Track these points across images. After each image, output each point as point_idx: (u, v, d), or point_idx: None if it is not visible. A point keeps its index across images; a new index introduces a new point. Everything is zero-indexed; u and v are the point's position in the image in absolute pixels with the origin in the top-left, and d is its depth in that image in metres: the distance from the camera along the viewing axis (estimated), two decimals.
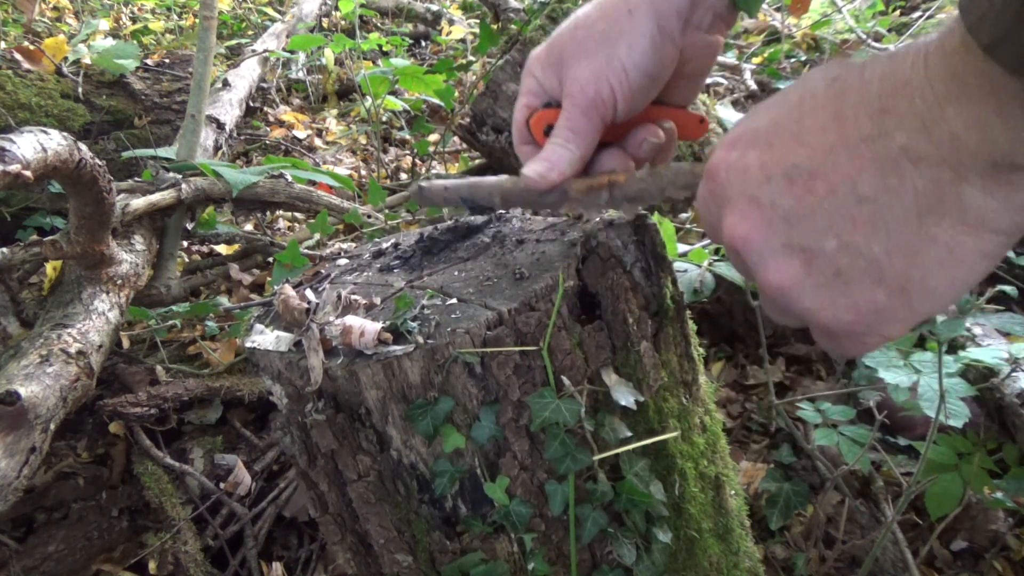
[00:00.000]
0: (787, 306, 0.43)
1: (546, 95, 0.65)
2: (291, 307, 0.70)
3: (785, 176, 0.41)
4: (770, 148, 0.42)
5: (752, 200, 0.43)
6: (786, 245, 0.41)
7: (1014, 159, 0.34)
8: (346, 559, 0.79)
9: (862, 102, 0.38)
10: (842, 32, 3.14)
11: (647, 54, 0.58)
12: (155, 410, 1.48)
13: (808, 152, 0.40)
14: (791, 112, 0.42)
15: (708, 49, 0.62)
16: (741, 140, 0.45)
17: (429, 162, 2.82)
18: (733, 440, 1.55)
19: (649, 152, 0.66)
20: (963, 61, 0.34)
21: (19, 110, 2.19)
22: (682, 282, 1.25)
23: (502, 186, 0.69)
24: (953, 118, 0.34)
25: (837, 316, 0.41)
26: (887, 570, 1.17)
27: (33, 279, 1.97)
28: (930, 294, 0.39)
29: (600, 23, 0.60)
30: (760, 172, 0.42)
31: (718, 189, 0.46)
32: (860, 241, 0.39)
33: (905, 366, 0.99)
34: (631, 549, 0.70)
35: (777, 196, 0.41)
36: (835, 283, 0.40)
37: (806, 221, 0.40)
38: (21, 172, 1.06)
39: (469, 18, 4.45)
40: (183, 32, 4.21)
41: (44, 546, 1.33)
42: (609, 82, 0.59)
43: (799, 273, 0.41)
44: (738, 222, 0.43)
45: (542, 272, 0.69)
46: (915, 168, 0.36)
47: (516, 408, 0.66)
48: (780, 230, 0.41)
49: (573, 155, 0.62)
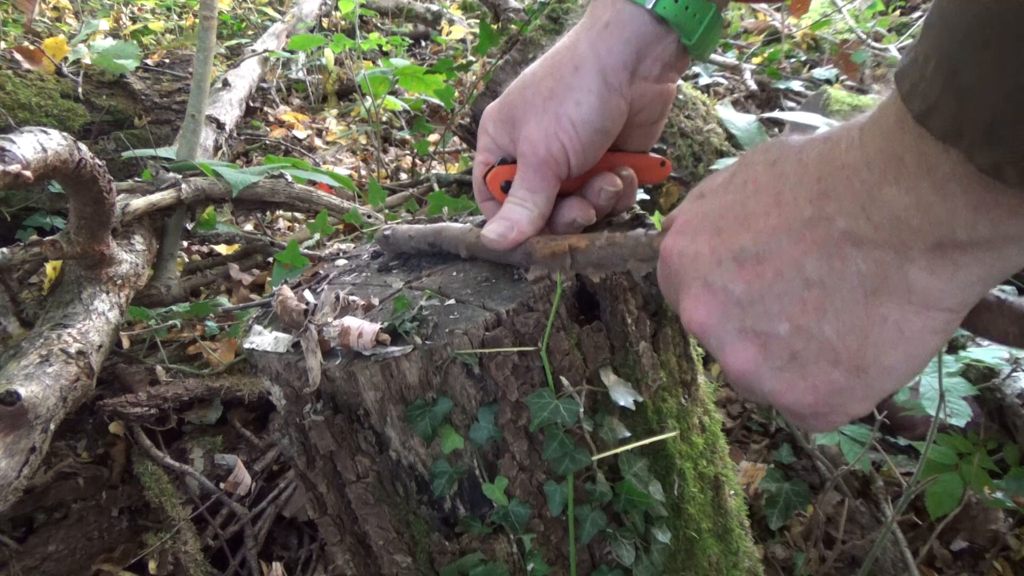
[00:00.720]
0: (750, 389, 0.43)
1: (500, 152, 0.66)
2: (289, 308, 0.70)
3: (735, 260, 0.41)
4: (719, 233, 0.43)
5: (705, 284, 0.43)
6: (741, 330, 0.42)
7: (955, 238, 0.33)
8: (345, 560, 0.79)
9: (801, 185, 0.38)
10: (842, 32, 3.14)
11: (595, 109, 0.58)
12: (155, 410, 1.48)
13: (754, 236, 0.40)
14: (736, 196, 0.43)
15: (660, 97, 0.62)
16: (690, 225, 0.45)
17: (429, 162, 2.82)
18: (733, 440, 1.55)
19: (608, 200, 0.66)
20: (899, 139, 0.33)
21: (19, 110, 2.19)
22: None
23: (467, 238, 0.69)
24: (893, 199, 0.34)
25: (798, 399, 0.41)
26: (887, 570, 1.17)
27: (33, 279, 1.98)
28: (886, 372, 0.39)
29: (547, 81, 0.60)
30: (711, 256, 0.43)
31: (672, 274, 0.47)
32: (811, 324, 0.39)
33: None
34: (630, 549, 0.70)
35: (728, 280, 0.41)
36: (792, 366, 0.40)
37: (757, 305, 0.40)
38: (21, 172, 1.06)
39: (469, 18, 4.44)
40: (183, 32, 4.21)
41: (44, 546, 1.33)
42: (559, 139, 0.59)
43: (756, 358, 0.41)
44: (694, 307, 0.44)
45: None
46: (858, 251, 0.36)
47: (515, 409, 0.65)
48: (734, 314, 0.42)
49: (532, 212, 0.63)
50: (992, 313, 0.39)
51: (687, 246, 0.45)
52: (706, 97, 1.99)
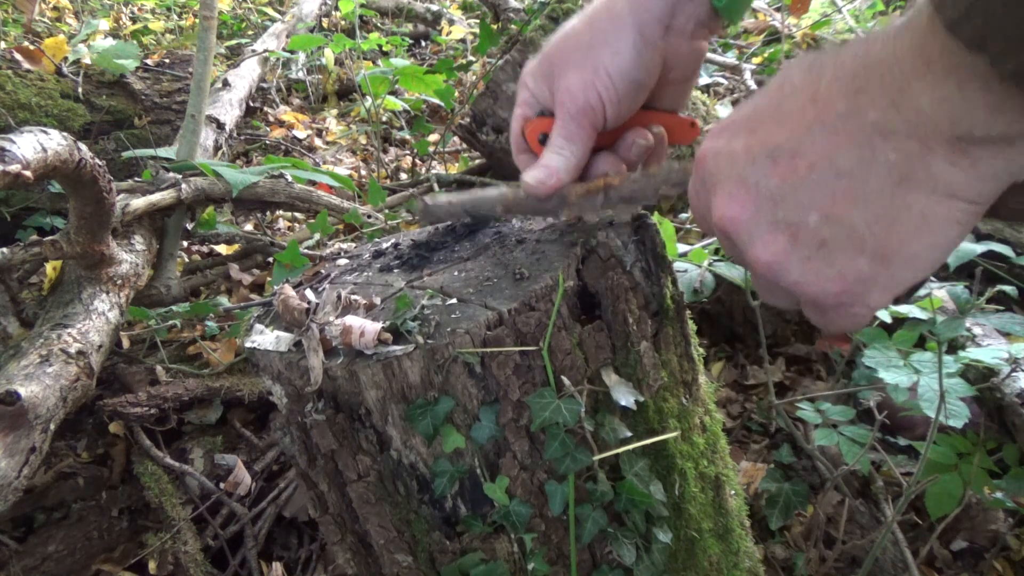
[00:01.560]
0: (776, 281, 0.45)
1: (539, 105, 0.68)
2: (291, 307, 0.70)
3: (768, 156, 0.43)
4: (753, 133, 0.44)
5: (739, 182, 0.45)
6: (772, 222, 0.43)
7: (973, 133, 0.36)
8: (346, 559, 0.79)
9: (836, 82, 0.40)
10: (842, 32, 3.14)
11: (630, 60, 0.61)
12: (155, 410, 1.48)
13: (788, 133, 0.42)
14: (771, 99, 0.45)
15: (692, 55, 0.64)
16: (727, 129, 0.47)
17: (429, 162, 2.82)
18: (733, 440, 1.55)
19: (639, 155, 0.68)
20: (929, 39, 0.35)
21: (19, 110, 2.19)
22: (682, 282, 1.25)
23: (504, 196, 0.71)
24: (919, 94, 0.36)
25: (824, 287, 0.43)
26: (887, 570, 1.17)
27: (33, 279, 1.97)
28: (910, 260, 0.41)
29: (585, 34, 0.63)
30: (745, 155, 0.44)
31: (707, 176, 0.48)
32: (841, 213, 0.40)
33: (905, 366, 0.99)
34: (631, 549, 0.70)
35: (762, 176, 0.43)
36: (820, 254, 0.42)
37: (790, 198, 0.42)
38: (21, 172, 1.06)
39: (469, 18, 4.45)
40: (183, 32, 4.21)
41: (44, 546, 1.33)
42: (596, 89, 0.62)
43: (786, 247, 0.43)
44: (726, 204, 0.45)
45: (542, 272, 0.69)
46: (886, 142, 0.38)
47: (516, 408, 0.66)
48: (766, 208, 0.43)
49: (569, 161, 0.65)
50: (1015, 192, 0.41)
51: (723, 147, 0.46)
52: (706, 97, 1.99)
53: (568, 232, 0.76)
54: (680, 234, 1.77)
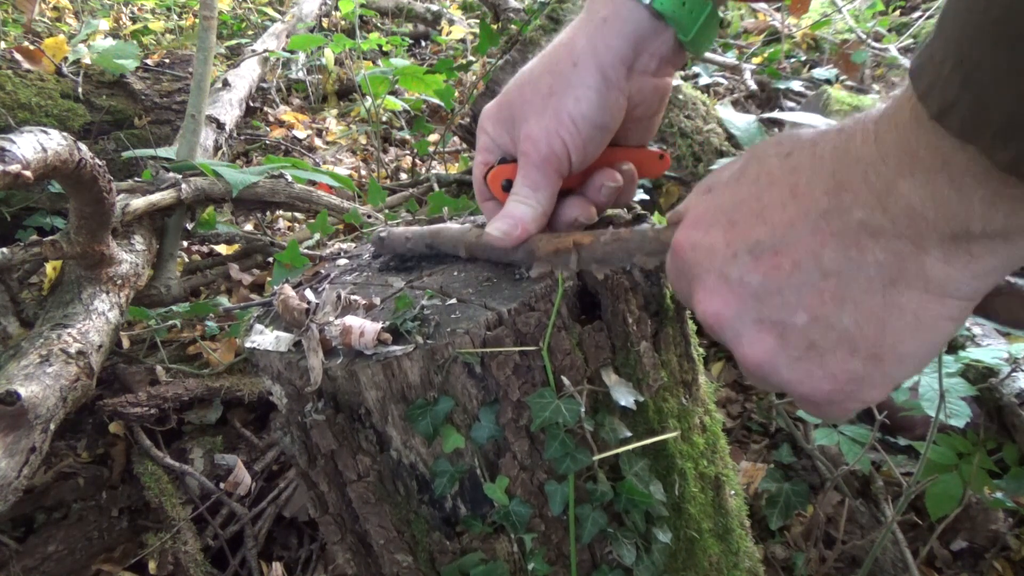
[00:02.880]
0: (766, 379, 0.44)
1: (500, 151, 0.66)
2: (291, 307, 0.70)
3: (750, 253, 0.41)
4: (733, 226, 0.43)
5: (721, 277, 0.43)
6: (758, 320, 0.42)
7: (970, 230, 0.34)
8: (346, 559, 0.79)
9: (817, 178, 0.39)
10: (842, 32, 3.15)
11: (595, 105, 0.59)
12: (155, 410, 1.48)
13: (770, 229, 0.41)
14: (750, 188, 0.43)
15: (657, 92, 0.62)
16: (704, 218, 0.46)
17: (429, 162, 2.82)
18: (733, 440, 1.55)
19: (609, 196, 0.66)
20: (914, 134, 0.34)
21: (19, 110, 2.19)
22: None
23: (466, 238, 0.68)
24: (908, 192, 0.35)
25: (816, 387, 0.42)
26: (887, 570, 1.17)
27: (33, 279, 1.97)
28: (903, 359, 0.39)
29: (546, 78, 0.60)
30: (726, 249, 0.43)
31: (685, 267, 0.47)
32: (830, 314, 0.39)
33: None
34: (631, 549, 0.70)
35: (744, 273, 0.42)
36: (810, 355, 0.41)
37: (775, 296, 0.41)
38: (21, 172, 1.06)
39: (469, 18, 4.45)
40: (183, 32, 4.21)
41: (44, 546, 1.33)
42: (560, 136, 0.59)
43: (774, 347, 0.42)
44: (709, 299, 0.44)
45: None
46: (875, 241, 0.37)
47: (516, 408, 0.66)
48: (751, 306, 0.42)
49: (535, 210, 0.63)
50: (1003, 297, 0.40)
51: (701, 239, 0.45)
52: (706, 97, 1.99)
53: None
54: None
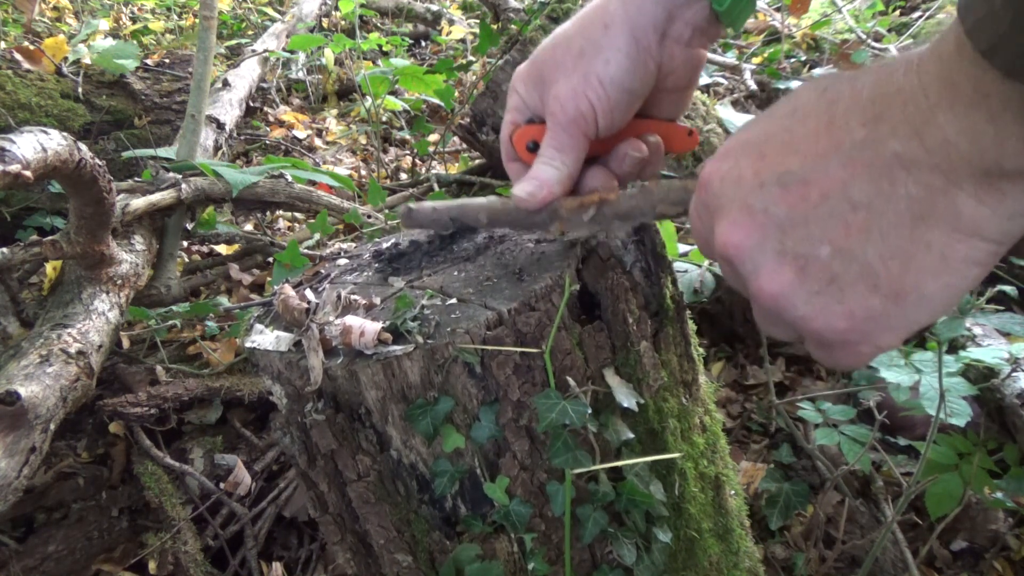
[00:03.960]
0: (780, 314, 0.42)
1: (529, 111, 0.66)
2: (291, 307, 0.70)
3: (778, 183, 0.41)
4: (763, 157, 0.42)
5: (745, 207, 0.42)
6: (779, 252, 0.41)
7: (1003, 166, 0.34)
8: (346, 559, 0.79)
9: (854, 109, 0.38)
10: (842, 32, 3.15)
11: (624, 69, 0.58)
12: (155, 410, 1.48)
13: (801, 159, 0.40)
14: (783, 122, 0.42)
15: (689, 63, 0.61)
16: (733, 151, 0.45)
17: (429, 162, 2.82)
18: (733, 440, 1.55)
19: (632, 167, 0.65)
20: (957, 67, 0.34)
21: (19, 110, 2.19)
22: (682, 282, 1.25)
23: (491, 206, 0.69)
24: (945, 124, 0.34)
25: (831, 324, 0.41)
26: (887, 570, 1.17)
27: (33, 279, 1.97)
28: (925, 301, 0.38)
29: (577, 40, 0.60)
30: (753, 180, 0.42)
31: (711, 199, 0.46)
32: (854, 247, 0.38)
33: (906, 366, 0.99)
34: (631, 549, 0.70)
35: (770, 203, 0.41)
36: (829, 290, 0.40)
37: (800, 227, 0.40)
38: (21, 172, 1.05)
39: (469, 18, 4.45)
40: (183, 32, 4.21)
41: (44, 546, 1.33)
42: (588, 98, 0.59)
43: (793, 280, 0.41)
44: (731, 230, 0.43)
45: (542, 272, 0.69)
46: (908, 174, 0.36)
47: (516, 408, 0.65)
48: (773, 237, 0.41)
49: (560, 172, 0.62)
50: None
51: (729, 170, 0.44)
52: (706, 97, 1.99)
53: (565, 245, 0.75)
54: (680, 234, 1.77)
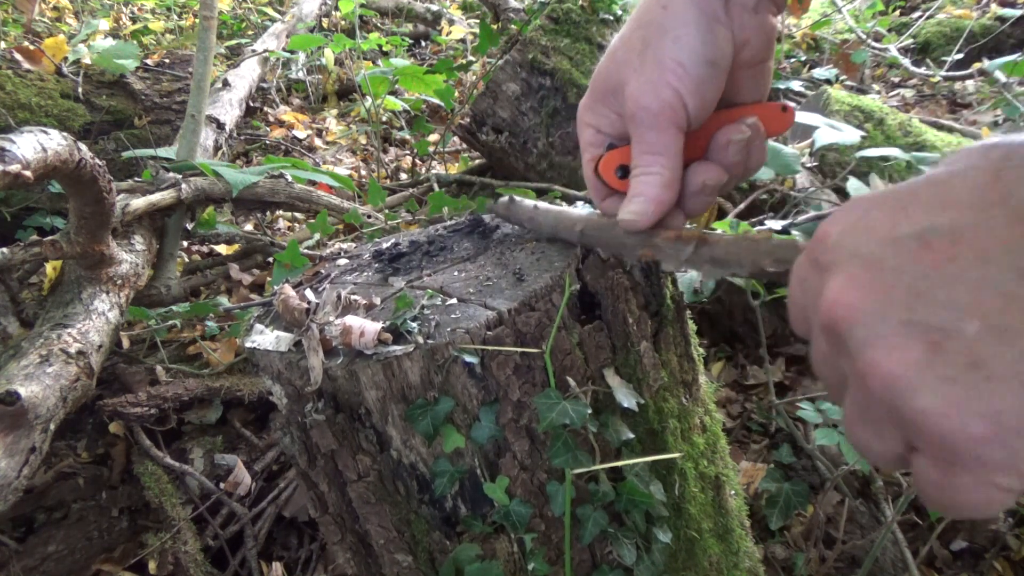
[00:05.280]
0: (894, 402, 0.33)
1: (606, 138, 0.61)
2: (291, 307, 0.70)
3: (918, 237, 0.32)
4: (903, 209, 0.34)
5: (869, 262, 0.34)
6: (907, 322, 0.32)
7: None
8: (346, 559, 0.79)
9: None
10: (842, 32, 3.15)
11: (697, 39, 0.53)
12: (155, 410, 1.48)
13: (955, 213, 0.32)
14: (935, 177, 0.35)
15: (762, 31, 0.56)
16: (863, 203, 0.37)
17: (429, 162, 2.82)
18: (733, 440, 1.55)
19: (738, 153, 0.59)
20: None
21: (19, 110, 2.19)
22: (682, 282, 1.25)
23: (589, 220, 0.63)
24: None
25: (965, 425, 0.30)
26: (887, 570, 1.17)
27: (33, 279, 1.97)
28: None
29: (637, 32, 0.56)
30: (886, 232, 0.34)
31: (824, 253, 0.37)
32: (1014, 326, 0.30)
33: None
34: (631, 549, 0.70)
35: (905, 259, 0.32)
36: (970, 379, 0.30)
37: (940, 293, 0.31)
38: (21, 172, 1.06)
39: (469, 18, 4.45)
40: (183, 32, 4.21)
41: (44, 546, 1.33)
42: (669, 84, 0.53)
43: (920, 359, 0.31)
44: (845, 287, 0.34)
45: (542, 272, 0.69)
46: None
47: (516, 408, 0.66)
48: (902, 301, 0.32)
49: (663, 177, 0.56)
50: None
51: (855, 221, 0.36)
52: None
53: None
54: None
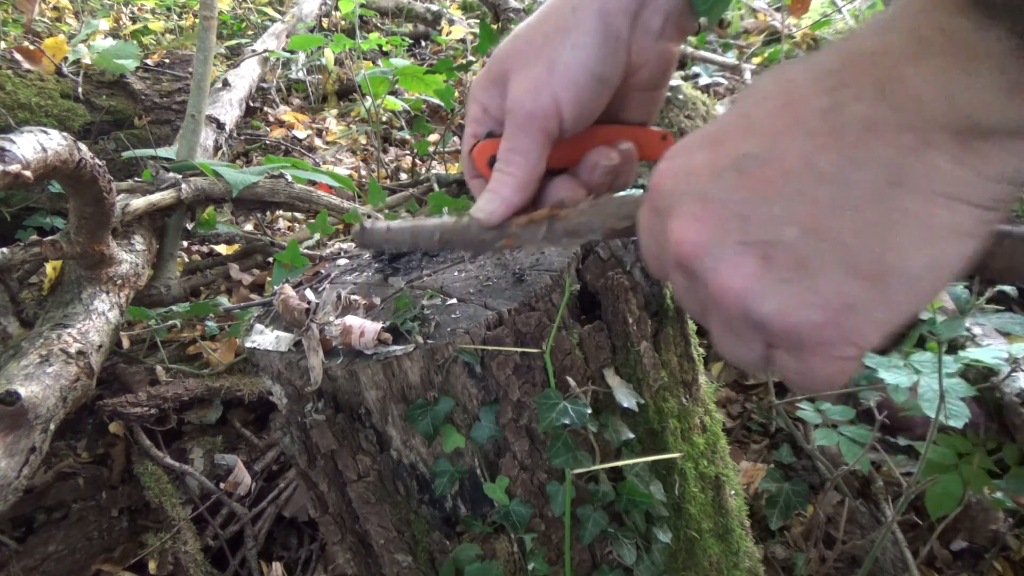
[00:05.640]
0: (746, 313, 0.38)
1: (490, 121, 0.60)
2: (291, 307, 0.70)
3: (735, 168, 0.37)
4: (718, 145, 0.39)
5: (700, 200, 0.39)
6: (741, 243, 0.37)
7: (979, 123, 0.31)
8: (346, 559, 0.79)
9: (816, 82, 0.36)
10: (842, 32, 3.14)
11: (593, 52, 0.53)
12: (155, 410, 1.48)
13: (758, 140, 0.37)
14: (739, 109, 0.40)
15: (661, 57, 0.57)
16: (685, 147, 0.42)
17: (429, 162, 2.82)
18: (733, 440, 1.55)
19: (603, 177, 0.59)
20: (927, 20, 0.32)
21: (19, 110, 2.19)
22: None
23: (443, 226, 0.63)
24: (913, 78, 0.32)
25: (805, 315, 0.36)
26: (887, 570, 1.17)
27: (33, 279, 1.97)
28: (909, 281, 0.35)
29: (542, 27, 0.56)
30: (707, 170, 0.39)
31: (662, 200, 0.42)
32: (824, 224, 0.35)
33: (905, 366, 0.99)
34: (631, 549, 0.70)
35: (728, 191, 0.37)
36: (799, 277, 0.36)
37: (762, 211, 0.36)
38: (21, 172, 1.05)
39: (469, 18, 4.45)
40: (183, 32, 4.21)
41: (44, 546, 1.33)
42: (551, 88, 0.54)
43: (757, 271, 0.37)
44: (685, 227, 0.39)
45: (542, 272, 0.69)
46: (877, 137, 0.33)
47: (516, 408, 0.66)
48: (733, 227, 0.37)
49: (518, 180, 0.56)
50: (1007, 243, 0.36)
51: (680, 165, 0.41)
52: (706, 97, 1.99)
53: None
54: None
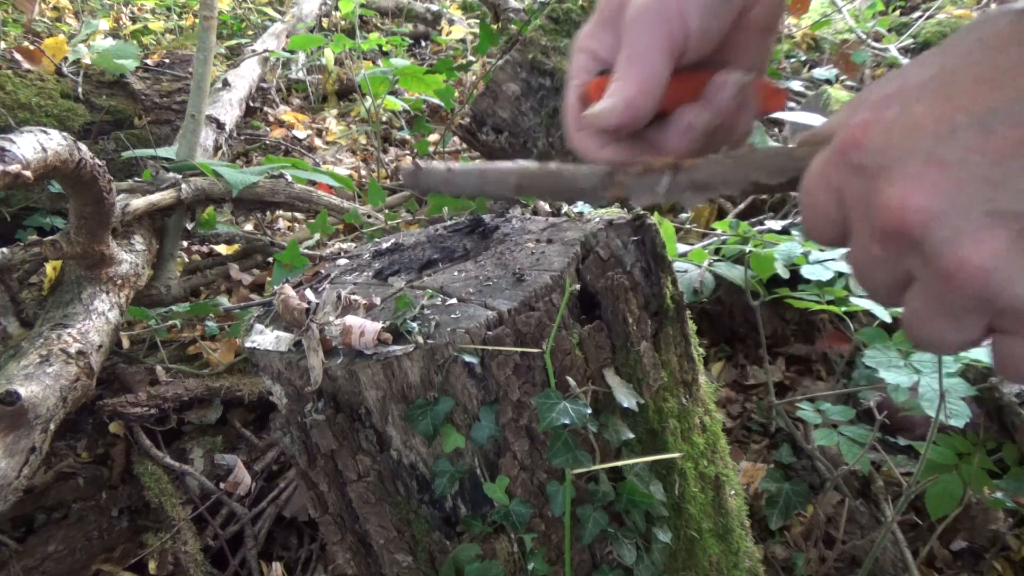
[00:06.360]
0: (987, 295, 0.32)
1: (601, 64, 0.53)
2: (291, 307, 0.70)
3: (978, 125, 0.31)
4: (947, 99, 0.32)
5: (930, 160, 0.32)
6: (988, 213, 0.31)
7: None
8: (346, 559, 0.79)
9: None
10: (842, 32, 3.15)
11: None
12: (155, 410, 1.48)
13: (1007, 94, 0.31)
14: (968, 56, 0.33)
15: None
16: (895, 96, 0.35)
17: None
18: (733, 440, 1.55)
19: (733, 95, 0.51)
20: None
21: (19, 110, 2.19)
22: (682, 282, 1.25)
23: (523, 171, 0.56)
24: None
25: None
26: (887, 570, 1.17)
27: (33, 279, 1.97)
28: None
29: None
30: (937, 125, 0.32)
31: (867, 157, 0.35)
32: None
33: (905, 366, 0.99)
34: (631, 549, 0.70)
35: (968, 152, 0.31)
36: None
37: (1014, 179, 0.30)
38: (21, 172, 1.06)
39: (469, 18, 4.45)
40: (183, 32, 4.21)
41: (44, 546, 1.33)
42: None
43: (1006, 246, 0.30)
44: (912, 190, 0.32)
45: (542, 272, 0.69)
46: None
47: (516, 408, 0.66)
48: (980, 195, 0.31)
49: (643, 77, 0.48)
50: None
51: (895, 117, 0.34)
52: None
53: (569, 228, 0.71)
54: (680, 234, 1.77)
